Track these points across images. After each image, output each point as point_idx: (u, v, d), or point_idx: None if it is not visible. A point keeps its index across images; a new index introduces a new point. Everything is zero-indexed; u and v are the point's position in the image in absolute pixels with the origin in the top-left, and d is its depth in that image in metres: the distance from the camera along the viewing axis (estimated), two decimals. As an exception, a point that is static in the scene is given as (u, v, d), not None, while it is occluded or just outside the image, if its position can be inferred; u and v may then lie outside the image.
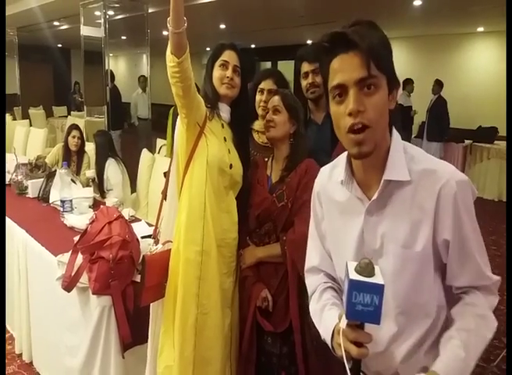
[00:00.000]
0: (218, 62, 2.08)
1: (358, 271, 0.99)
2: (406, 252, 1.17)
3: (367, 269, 0.99)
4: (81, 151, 4.46)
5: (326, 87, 1.17)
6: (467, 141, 8.55)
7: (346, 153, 1.27)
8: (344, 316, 1.03)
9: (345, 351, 1.04)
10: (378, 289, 0.97)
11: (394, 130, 1.22)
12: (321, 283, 1.39)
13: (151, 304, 2.14)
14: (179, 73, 1.81)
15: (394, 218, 1.18)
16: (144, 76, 8.19)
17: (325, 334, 1.22)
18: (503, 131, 8.15)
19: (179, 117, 2.03)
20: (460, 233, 1.15)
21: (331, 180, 1.34)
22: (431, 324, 1.21)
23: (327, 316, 1.26)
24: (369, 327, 1.04)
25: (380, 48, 1.11)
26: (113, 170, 4.06)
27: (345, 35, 1.09)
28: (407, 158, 1.18)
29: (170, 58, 1.79)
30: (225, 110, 2.13)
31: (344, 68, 1.10)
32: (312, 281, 1.43)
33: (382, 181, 1.17)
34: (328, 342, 1.19)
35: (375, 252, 1.22)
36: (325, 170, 1.40)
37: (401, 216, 1.17)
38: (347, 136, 1.12)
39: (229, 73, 2.06)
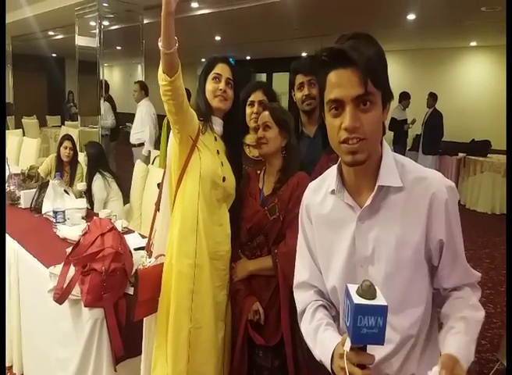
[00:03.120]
0: (210, 75, 2.10)
1: (360, 294, 0.99)
2: (399, 256, 1.19)
3: (369, 291, 0.99)
4: (74, 161, 4.45)
5: (322, 97, 1.19)
6: (460, 154, 8.58)
7: (335, 166, 1.30)
8: (348, 340, 1.03)
9: (349, 373, 1.04)
10: (383, 310, 0.98)
11: (384, 141, 1.25)
12: (311, 302, 1.38)
13: (144, 318, 2.13)
14: (172, 91, 1.82)
15: (386, 223, 1.21)
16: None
17: (323, 357, 1.21)
18: (495, 145, 8.20)
19: (171, 131, 2.04)
20: (451, 234, 1.21)
21: (320, 192, 1.35)
22: (418, 330, 1.24)
23: (323, 338, 1.26)
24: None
25: (377, 64, 1.13)
26: (98, 187, 4.05)
27: (343, 52, 1.10)
28: (398, 167, 1.22)
29: (162, 77, 1.81)
30: (217, 123, 2.14)
31: (342, 83, 1.11)
32: (302, 297, 1.42)
33: (376, 187, 1.19)
34: (327, 365, 1.18)
35: (365, 260, 1.24)
36: (313, 184, 1.41)
37: (394, 220, 1.20)
38: (341, 146, 1.14)
39: (221, 85, 2.07)
